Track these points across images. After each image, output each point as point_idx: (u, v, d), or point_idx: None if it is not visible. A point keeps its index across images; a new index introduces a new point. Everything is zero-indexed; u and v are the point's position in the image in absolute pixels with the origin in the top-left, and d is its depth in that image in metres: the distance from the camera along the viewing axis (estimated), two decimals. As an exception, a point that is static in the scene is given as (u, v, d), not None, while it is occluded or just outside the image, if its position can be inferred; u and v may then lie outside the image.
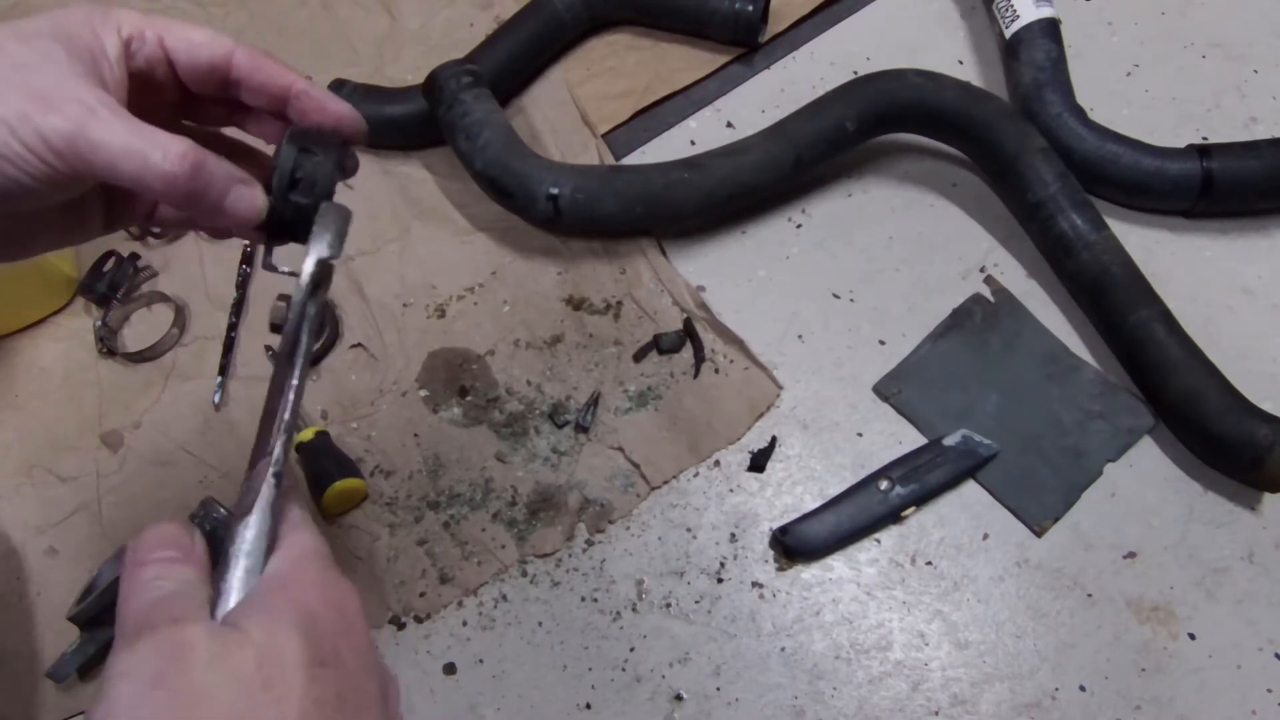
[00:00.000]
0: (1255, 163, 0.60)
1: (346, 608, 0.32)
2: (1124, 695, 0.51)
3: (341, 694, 0.29)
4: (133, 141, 0.33)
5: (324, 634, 0.30)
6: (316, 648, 0.29)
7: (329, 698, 0.29)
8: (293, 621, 0.29)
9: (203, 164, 0.34)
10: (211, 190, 0.35)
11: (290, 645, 0.29)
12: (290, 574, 0.32)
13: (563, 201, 0.61)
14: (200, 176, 0.34)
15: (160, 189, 0.33)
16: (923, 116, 0.63)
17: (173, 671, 0.27)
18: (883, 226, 0.65)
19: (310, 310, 0.36)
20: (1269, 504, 0.55)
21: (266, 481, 0.33)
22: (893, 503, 0.55)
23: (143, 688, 0.26)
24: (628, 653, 0.53)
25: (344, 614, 0.31)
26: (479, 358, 0.62)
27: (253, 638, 0.28)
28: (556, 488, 0.57)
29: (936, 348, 0.60)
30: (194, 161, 0.34)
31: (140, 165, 0.33)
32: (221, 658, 0.27)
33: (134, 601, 0.30)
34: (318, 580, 0.31)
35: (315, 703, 0.28)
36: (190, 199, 0.34)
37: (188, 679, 0.27)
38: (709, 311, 0.62)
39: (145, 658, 0.27)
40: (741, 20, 0.70)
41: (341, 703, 0.29)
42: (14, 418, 0.62)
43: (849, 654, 0.52)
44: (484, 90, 0.65)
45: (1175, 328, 0.56)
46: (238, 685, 0.27)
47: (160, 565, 0.31)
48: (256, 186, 0.37)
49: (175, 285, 0.66)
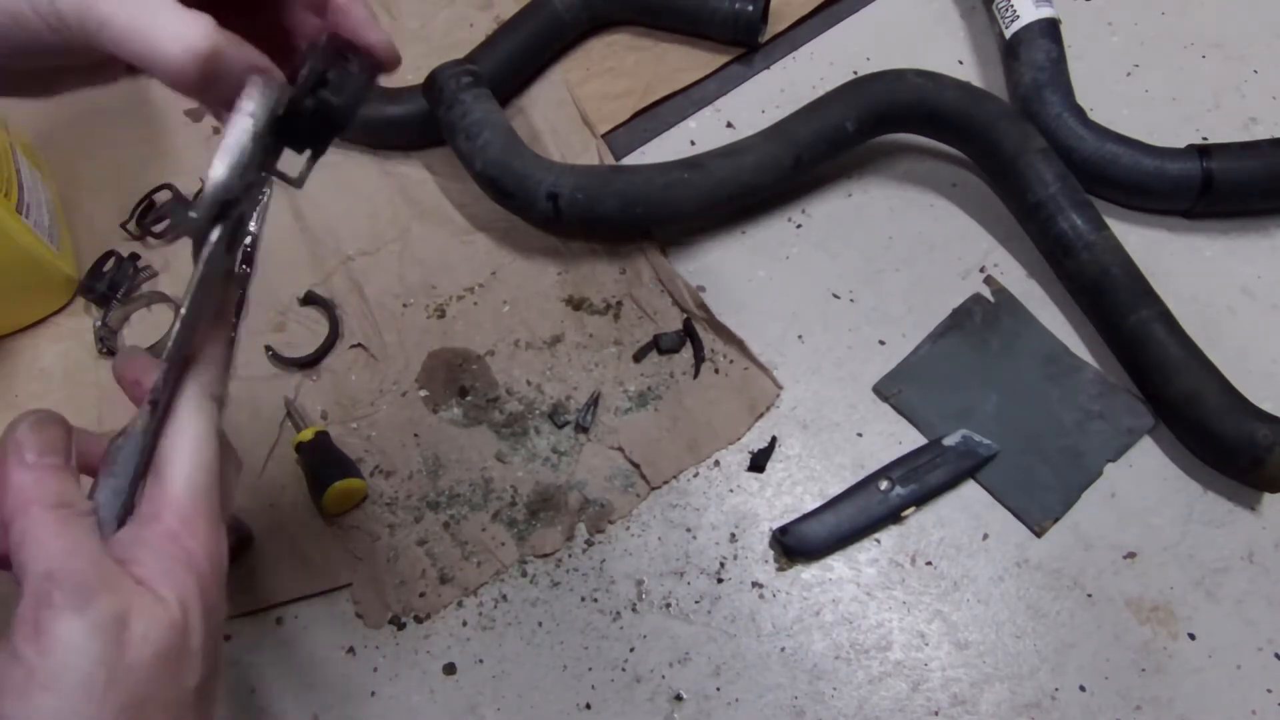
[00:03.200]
0: (1255, 163, 0.60)
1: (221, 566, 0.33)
2: (1124, 695, 0.51)
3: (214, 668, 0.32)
4: (142, 20, 0.29)
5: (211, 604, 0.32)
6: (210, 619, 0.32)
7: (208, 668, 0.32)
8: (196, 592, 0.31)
9: (219, 54, 0.30)
10: (225, 81, 0.31)
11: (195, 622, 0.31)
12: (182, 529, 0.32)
13: (563, 201, 0.61)
14: (217, 65, 0.30)
15: (167, 76, 0.30)
16: (923, 116, 0.63)
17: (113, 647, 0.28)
18: (883, 226, 0.65)
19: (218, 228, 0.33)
20: (1269, 504, 0.55)
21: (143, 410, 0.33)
22: (893, 503, 0.55)
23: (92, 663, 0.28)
24: (628, 653, 0.53)
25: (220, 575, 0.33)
26: (479, 358, 0.62)
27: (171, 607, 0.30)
28: (556, 488, 0.57)
29: (936, 348, 0.60)
30: (212, 46, 0.30)
31: (148, 48, 0.30)
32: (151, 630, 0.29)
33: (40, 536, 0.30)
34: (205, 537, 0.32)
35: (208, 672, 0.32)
36: (200, 89, 0.31)
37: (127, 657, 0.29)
38: (709, 311, 0.62)
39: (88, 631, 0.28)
40: (741, 20, 0.70)
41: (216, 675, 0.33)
42: (14, 418, 0.62)
43: (849, 654, 0.52)
44: (484, 90, 0.65)
45: (1175, 328, 0.56)
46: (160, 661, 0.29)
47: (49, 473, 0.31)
48: (278, 79, 0.33)
49: (175, 285, 0.66)
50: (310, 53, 0.34)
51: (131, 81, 0.38)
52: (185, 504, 0.32)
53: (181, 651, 0.30)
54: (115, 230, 0.67)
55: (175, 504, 0.32)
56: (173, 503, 0.32)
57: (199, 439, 0.33)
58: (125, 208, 0.68)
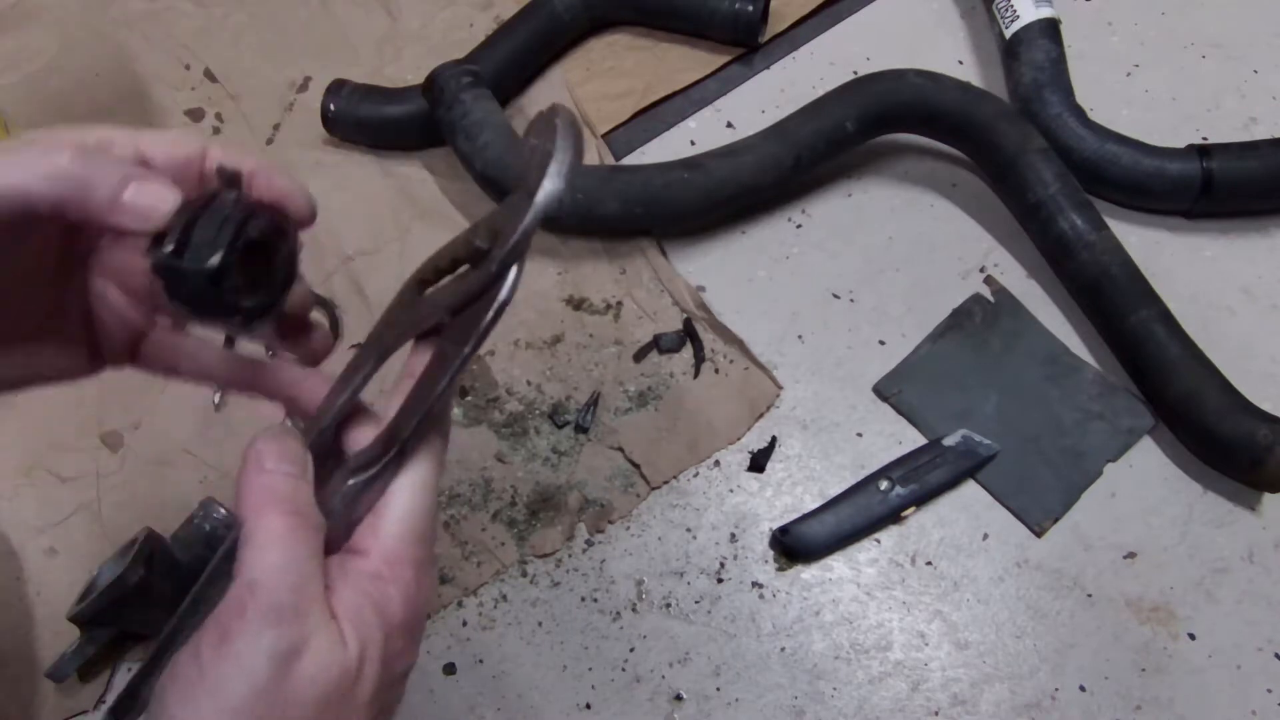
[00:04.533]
0: (1255, 163, 0.60)
1: (420, 616, 0.32)
2: (1124, 695, 0.51)
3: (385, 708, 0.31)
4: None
5: (393, 652, 0.31)
6: (388, 669, 0.30)
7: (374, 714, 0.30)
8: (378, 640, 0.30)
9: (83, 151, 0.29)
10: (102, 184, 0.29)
11: (370, 673, 0.30)
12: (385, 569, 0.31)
13: (563, 201, 0.61)
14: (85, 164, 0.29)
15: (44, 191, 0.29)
16: (923, 117, 0.63)
17: (279, 678, 0.28)
18: (883, 226, 0.65)
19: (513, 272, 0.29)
20: (1269, 504, 0.55)
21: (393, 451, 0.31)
22: (893, 503, 0.55)
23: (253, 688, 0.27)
24: (628, 653, 0.53)
25: (414, 626, 0.32)
26: (479, 358, 0.62)
27: (349, 652, 0.29)
28: (556, 488, 0.57)
29: (936, 348, 0.60)
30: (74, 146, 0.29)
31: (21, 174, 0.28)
32: (321, 673, 0.28)
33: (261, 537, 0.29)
34: (408, 581, 0.31)
35: None
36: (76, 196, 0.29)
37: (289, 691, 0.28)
38: (709, 311, 0.62)
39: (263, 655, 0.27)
40: (741, 20, 0.70)
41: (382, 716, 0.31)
42: (14, 418, 0.62)
43: (849, 654, 0.52)
44: (484, 90, 0.65)
45: (1175, 328, 0.56)
46: (317, 705, 0.28)
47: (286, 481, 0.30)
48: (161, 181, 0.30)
49: (175, 285, 0.66)
50: None
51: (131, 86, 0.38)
52: (395, 546, 0.31)
53: (345, 699, 0.29)
54: (115, 230, 0.67)
55: (386, 544, 0.31)
56: (385, 541, 0.31)
57: (425, 485, 0.32)
58: (125, 208, 0.68)
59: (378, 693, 0.30)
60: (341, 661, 0.29)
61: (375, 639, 0.30)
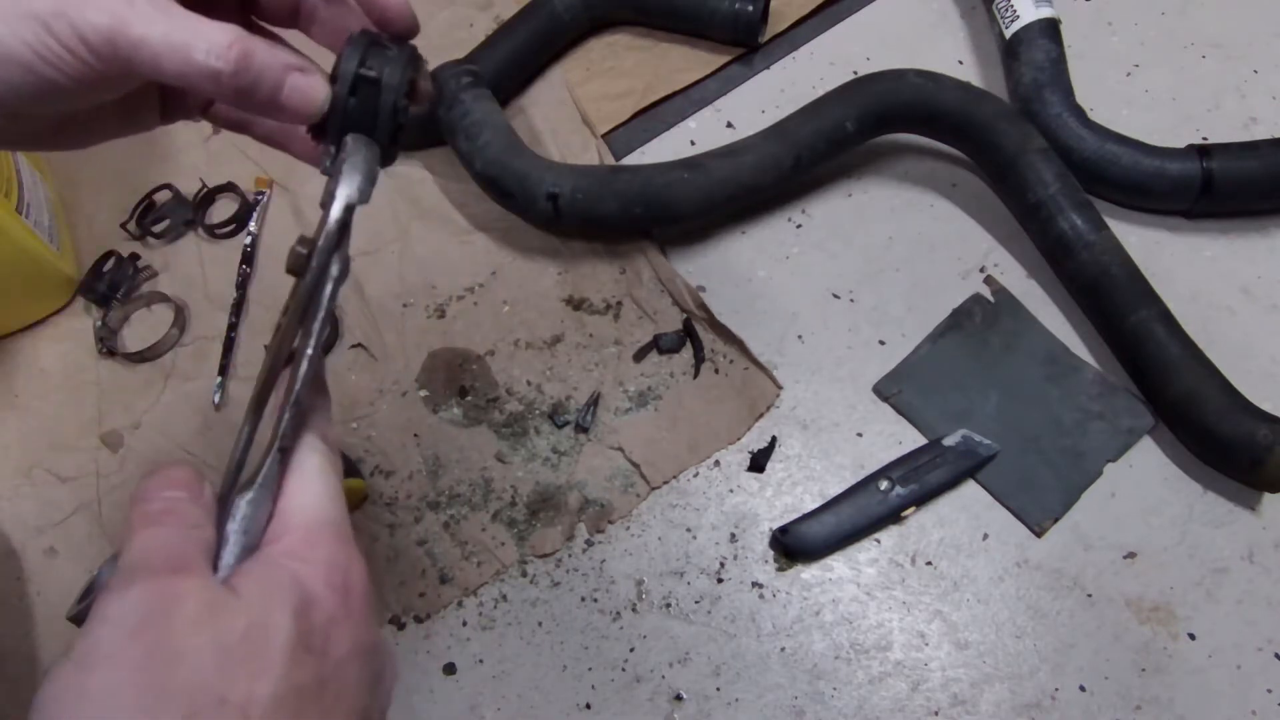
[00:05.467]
0: (1255, 163, 0.60)
1: (351, 591, 0.31)
2: (1124, 695, 0.51)
3: (323, 681, 0.28)
4: (174, 35, 0.30)
5: (319, 619, 0.29)
6: (307, 632, 0.28)
7: (308, 684, 0.28)
8: (289, 600, 0.28)
9: (251, 54, 0.31)
10: (264, 83, 0.32)
11: (281, 623, 0.28)
12: (299, 547, 0.30)
13: (563, 201, 0.61)
14: (249, 69, 0.31)
15: (208, 87, 0.31)
16: (923, 116, 0.63)
17: (156, 625, 0.26)
18: (883, 226, 0.65)
19: (334, 267, 0.33)
20: (1269, 504, 0.55)
21: (271, 456, 0.31)
22: (893, 503, 0.55)
23: (122, 635, 0.26)
24: (628, 653, 0.53)
25: (347, 597, 0.30)
26: (479, 358, 0.62)
27: (245, 606, 0.28)
28: (556, 488, 0.57)
29: (936, 348, 0.60)
30: (241, 52, 0.31)
31: (183, 61, 0.30)
32: (207, 620, 0.27)
33: (135, 540, 0.28)
34: (326, 559, 0.30)
35: (293, 687, 0.27)
36: (241, 95, 0.32)
37: (168, 636, 0.26)
38: (709, 311, 0.62)
39: (132, 605, 0.26)
40: (741, 20, 0.70)
41: (321, 690, 0.28)
42: (14, 418, 0.62)
43: (849, 654, 0.52)
44: (484, 90, 0.65)
45: (1175, 328, 0.56)
46: (217, 653, 0.26)
47: (167, 503, 0.29)
48: (316, 74, 0.33)
49: (175, 285, 0.66)
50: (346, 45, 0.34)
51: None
52: (303, 527, 0.31)
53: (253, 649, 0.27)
54: (115, 230, 0.68)
55: (294, 529, 0.31)
56: (292, 528, 0.31)
57: (317, 470, 0.32)
58: (125, 208, 0.68)
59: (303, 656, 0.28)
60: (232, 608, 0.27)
61: (285, 594, 0.28)
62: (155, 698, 0.25)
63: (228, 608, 0.27)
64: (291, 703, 0.27)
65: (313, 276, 0.33)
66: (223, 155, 0.70)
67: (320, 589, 0.30)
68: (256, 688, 0.26)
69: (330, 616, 0.30)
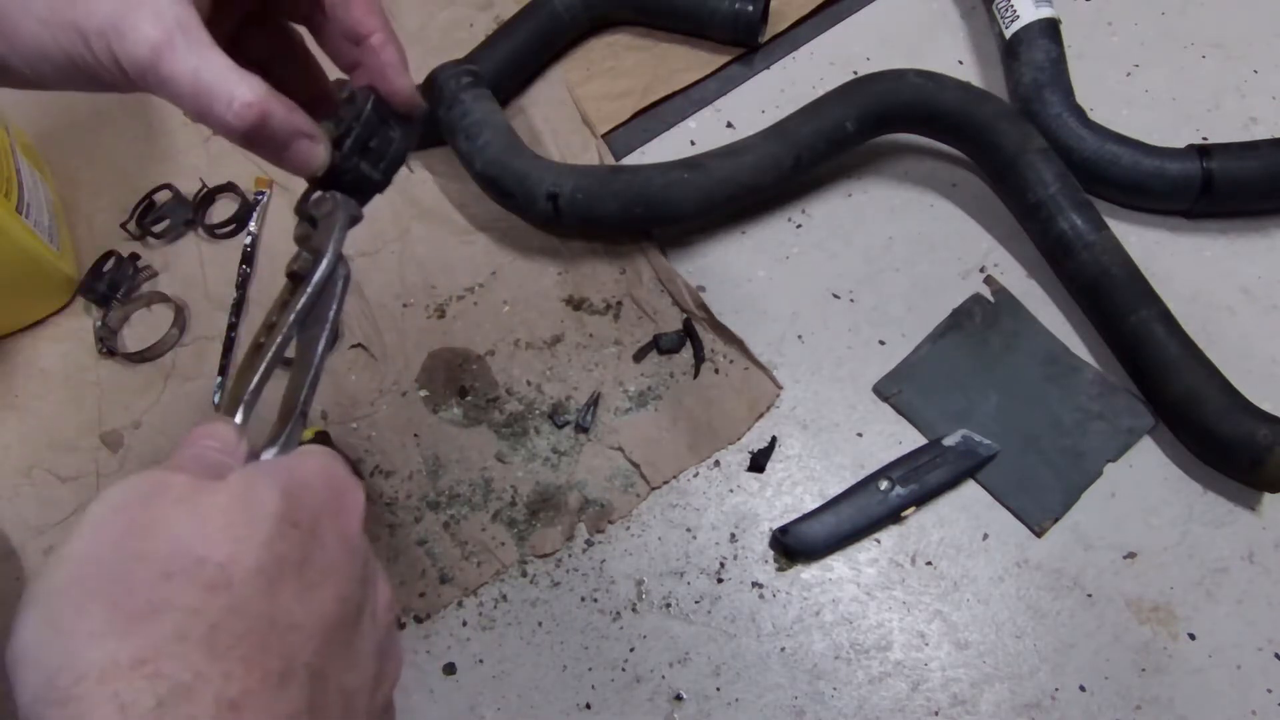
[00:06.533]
0: (1255, 163, 0.60)
1: (345, 496, 0.31)
2: (1124, 695, 0.51)
3: (307, 559, 0.28)
4: (201, 83, 0.33)
5: (307, 502, 0.29)
6: (293, 508, 0.28)
7: (291, 557, 0.28)
8: (277, 481, 0.29)
9: (268, 118, 0.34)
10: (273, 142, 0.35)
11: (267, 497, 0.28)
12: (293, 458, 0.32)
13: (563, 201, 0.61)
14: (262, 130, 0.34)
15: (222, 133, 0.34)
16: (923, 116, 0.63)
17: (141, 502, 0.27)
18: (883, 226, 0.65)
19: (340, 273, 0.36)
20: (1269, 504, 0.55)
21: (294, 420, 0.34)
22: (893, 503, 0.55)
23: (107, 509, 0.27)
24: (628, 653, 0.53)
25: (339, 496, 0.31)
26: (479, 358, 0.62)
27: (229, 484, 0.28)
28: (556, 488, 0.57)
29: (936, 348, 0.60)
30: (259, 115, 0.34)
31: (204, 109, 0.33)
32: (191, 496, 0.28)
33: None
34: (320, 467, 0.31)
35: (275, 556, 0.27)
36: (251, 146, 0.35)
37: (151, 509, 0.27)
38: (709, 311, 0.62)
39: (123, 487, 0.28)
40: (741, 20, 0.70)
41: (305, 566, 0.28)
42: (14, 418, 0.62)
43: (849, 654, 0.52)
44: (484, 90, 0.65)
45: (1175, 328, 0.56)
46: (197, 519, 0.27)
47: (201, 448, 0.31)
48: (320, 143, 0.37)
49: (175, 285, 0.66)
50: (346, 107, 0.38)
51: None
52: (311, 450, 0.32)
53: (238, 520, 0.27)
54: (115, 230, 0.68)
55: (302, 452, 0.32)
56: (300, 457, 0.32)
57: None
58: (125, 208, 0.68)
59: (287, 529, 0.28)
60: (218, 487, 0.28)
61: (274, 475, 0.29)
62: (132, 557, 0.26)
63: (211, 488, 0.28)
64: (273, 569, 0.27)
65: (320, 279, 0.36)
66: (223, 155, 0.70)
67: (313, 479, 0.30)
68: (238, 550, 0.27)
69: (321, 505, 0.30)
